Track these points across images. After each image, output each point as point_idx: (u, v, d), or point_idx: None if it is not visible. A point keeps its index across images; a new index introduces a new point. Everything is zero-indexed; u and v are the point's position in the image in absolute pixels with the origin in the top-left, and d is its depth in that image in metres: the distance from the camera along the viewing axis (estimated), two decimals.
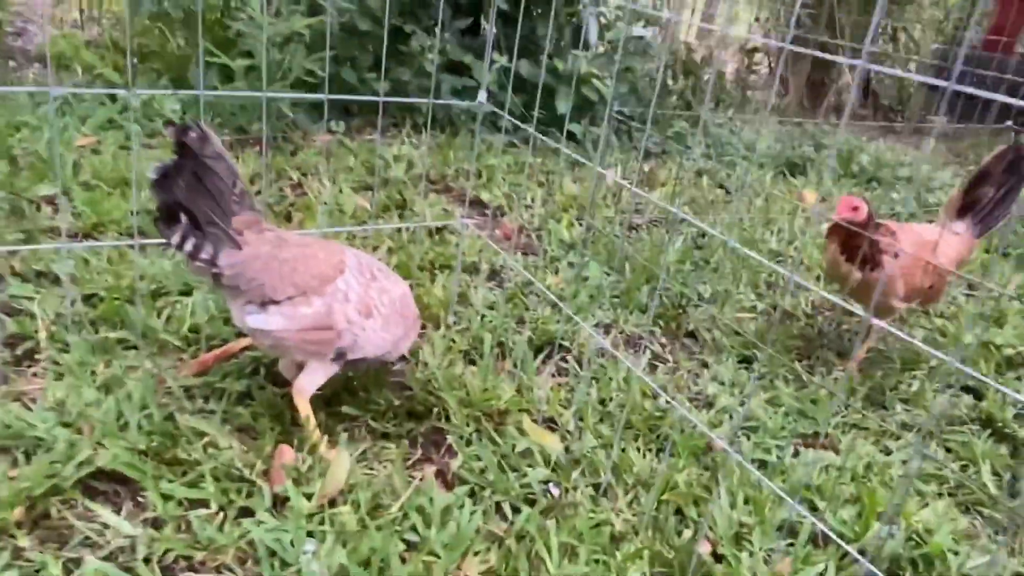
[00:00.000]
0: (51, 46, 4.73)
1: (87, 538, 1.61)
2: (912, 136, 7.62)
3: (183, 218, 1.71)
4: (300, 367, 1.95)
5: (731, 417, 2.37)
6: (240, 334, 2.19)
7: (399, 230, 3.19)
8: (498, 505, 1.87)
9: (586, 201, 3.99)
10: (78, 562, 1.55)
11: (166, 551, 1.59)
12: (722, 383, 2.57)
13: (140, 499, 1.73)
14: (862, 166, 5.56)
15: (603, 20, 5.51)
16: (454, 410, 2.12)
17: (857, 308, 2.73)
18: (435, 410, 2.13)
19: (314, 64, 4.16)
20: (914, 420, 2.56)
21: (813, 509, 2.03)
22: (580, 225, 3.66)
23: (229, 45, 4.19)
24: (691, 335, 2.91)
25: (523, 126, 2.53)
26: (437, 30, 3.27)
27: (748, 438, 2.30)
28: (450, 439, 2.07)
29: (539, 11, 5.00)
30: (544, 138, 2.40)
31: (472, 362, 2.42)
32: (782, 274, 3.44)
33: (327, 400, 2.10)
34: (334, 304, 1.84)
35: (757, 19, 8.65)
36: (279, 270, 1.81)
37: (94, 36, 5.30)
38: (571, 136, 4.94)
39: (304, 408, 1.90)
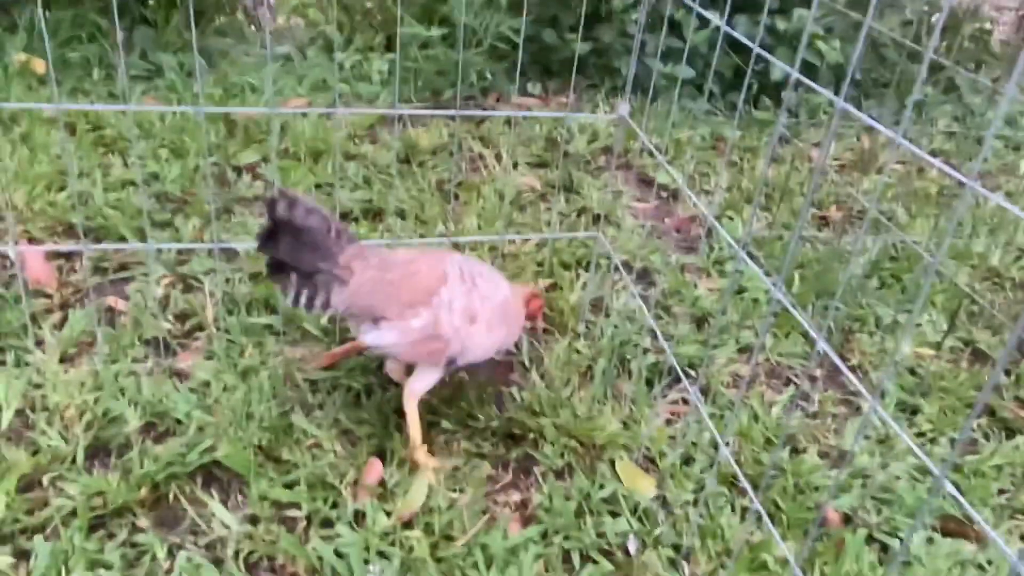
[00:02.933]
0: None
1: (195, 524, 1.83)
2: None
3: (292, 275, 1.89)
4: (410, 370, 2.06)
5: (865, 484, 2.12)
6: None
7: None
8: (567, 553, 1.85)
9: (782, 187, 3.66)
10: (181, 547, 1.78)
11: (252, 551, 1.78)
12: (867, 437, 2.30)
13: (245, 492, 1.92)
14: None
15: None
16: (550, 437, 2.11)
17: None
18: (531, 436, 2.14)
19: (514, 23, 4.14)
20: None
21: None
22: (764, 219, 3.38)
23: (430, 11, 4.28)
24: (856, 370, 2.61)
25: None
26: None
27: (879, 512, 2.05)
28: (537, 470, 2.06)
29: None
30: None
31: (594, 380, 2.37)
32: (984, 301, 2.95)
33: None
34: (440, 314, 1.92)
35: None
36: (386, 291, 1.93)
37: None
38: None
39: (412, 410, 2.01)
